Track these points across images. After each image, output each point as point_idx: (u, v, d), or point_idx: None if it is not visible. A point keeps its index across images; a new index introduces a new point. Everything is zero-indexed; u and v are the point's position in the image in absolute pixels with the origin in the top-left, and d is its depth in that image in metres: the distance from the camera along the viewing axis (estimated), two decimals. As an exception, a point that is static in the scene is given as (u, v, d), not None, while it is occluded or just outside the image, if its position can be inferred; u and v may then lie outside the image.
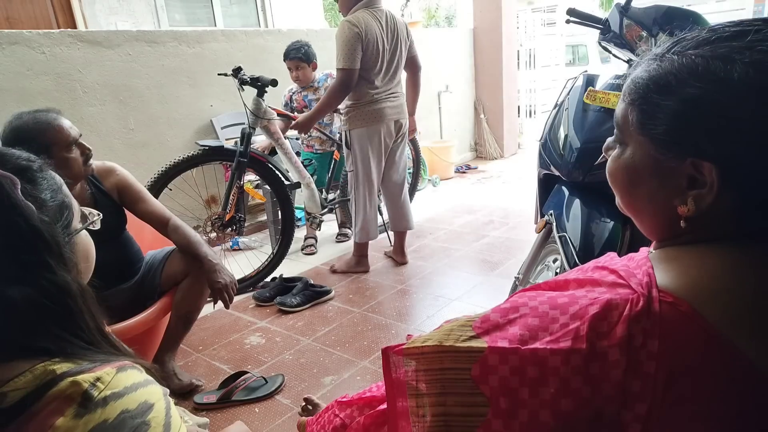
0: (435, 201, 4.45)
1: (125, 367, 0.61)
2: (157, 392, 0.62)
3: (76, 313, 0.61)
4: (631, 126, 0.55)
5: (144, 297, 1.87)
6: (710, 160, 0.49)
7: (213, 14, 5.81)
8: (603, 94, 1.53)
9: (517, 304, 0.54)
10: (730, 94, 0.47)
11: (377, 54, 2.64)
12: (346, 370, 2.02)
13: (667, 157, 0.52)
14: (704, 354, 0.46)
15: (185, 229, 1.84)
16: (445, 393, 0.53)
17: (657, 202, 0.55)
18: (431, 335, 0.57)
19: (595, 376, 0.47)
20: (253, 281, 2.85)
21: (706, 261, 0.52)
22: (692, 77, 0.49)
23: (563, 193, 1.59)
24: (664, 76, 0.52)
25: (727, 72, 0.47)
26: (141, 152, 3.23)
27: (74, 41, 2.90)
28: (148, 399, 0.60)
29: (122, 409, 0.56)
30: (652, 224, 0.59)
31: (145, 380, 0.62)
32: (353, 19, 2.57)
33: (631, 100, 0.55)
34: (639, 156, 0.55)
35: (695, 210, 0.51)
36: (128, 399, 0.57)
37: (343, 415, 0.91)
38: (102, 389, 0.56)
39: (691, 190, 0.51)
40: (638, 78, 0.55)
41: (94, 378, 0.56)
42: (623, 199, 0.61)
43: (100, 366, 0.59)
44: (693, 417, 0.46)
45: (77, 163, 1.62)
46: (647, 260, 0.54)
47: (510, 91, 5.97)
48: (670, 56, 0.52)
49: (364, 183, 2.86)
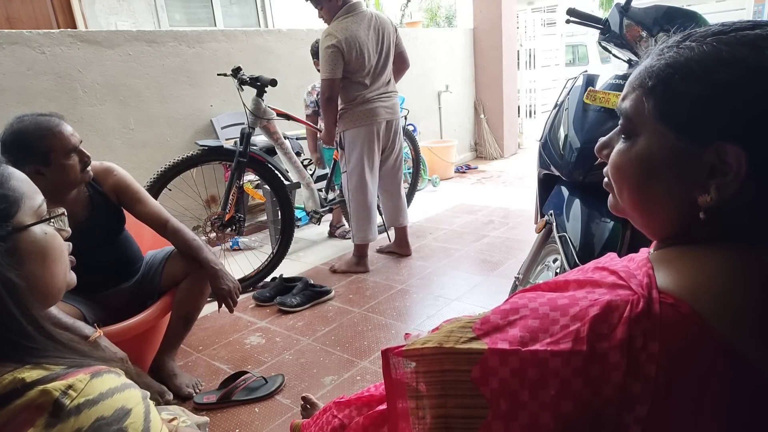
0: (435, 201, 4.45)
1: (100, 372, 0.59)
2: (135, 396, 0.60)
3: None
4: (647, 115, 0.54)
5: (144, 297, 1.87)
6: (739, 144, 0.48)
7: (213, 14, 5.81)
8: (603, 94, 1.53)
9: (517, 305, 0.54)
10: (762, 79, 0.47)
11: (363, 57, 2.68)
12: (346, 370, 2.02)
13: (688, 145, 0.51)
14: (705, 356, 0.46)
15: (185, 233, 1.84)
16: (445, 395, 0.53)
17: (674, 195, 0.53)
18: (431, 337, 0.56)
19: (596, 378, 0.47)
20: (253, 281, 2.85)
21: (707, 262, 0.51)
22: (719, 63, 0.49)
23: (563, 193, 1.59)
24: (686, 62, 0.51)
25: (756, 58, 0.48)
26: (141, 152, 3.23)
27: (74, 41, 2.89)
28: (126, 404, 0.58)
29: (97, 416, 0.54)
30: (663, 220, 0.56)
31: (122, 384, 0.60)
32: (332, 30, 2.64)
33: (649, 88, 0.53)
34: (656, 146, 0.53)
35: (719, 199, 0.50)
36: (103, 405, 0.56)
37: (342, 416, 0.90)
38: (74, 397, 0.54)
39: (712, 179, 0.50)
40: (653, 66, 0.54)
41: (65, 386, 0.54)
42: (633, 196, 0.58)
43: (72, 372, 0.57)
44: (693, 419, 0.46)
45: (75, 170, 1.62)
46: (647, 261, 0.54)
47: (510, 91, 5.97)
48: (688, 44, 0.52)
49: (359, 184, 2.87)
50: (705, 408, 0.45)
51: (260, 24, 6.26)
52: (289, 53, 3.93)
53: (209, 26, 5.65)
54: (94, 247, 1.75)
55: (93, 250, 1.74)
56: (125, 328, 1.69)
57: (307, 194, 3.10)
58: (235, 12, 6.09)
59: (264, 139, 3.00)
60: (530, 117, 7.02)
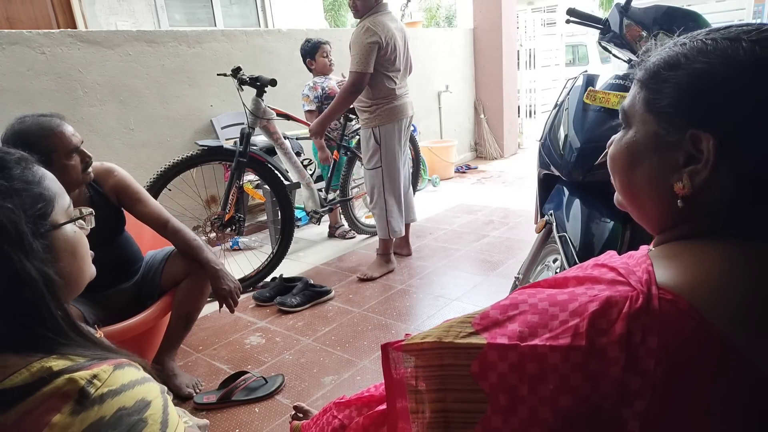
0: (435, 201, 4.45)
1: (122, 365, 0.61)
2: (155, 389, 0.62)
3: (38, 302, 0.60)
4: (638, 106, 0.57)
5: (144, 297, 1.87)
6: (709, 131, 0.50)
7: (213, 14, 5.81)
8: (603, 94, 1.53)
9: (517, 301, 0.54)
10: (735, 68, 0.49)
11: (398, 54, 2.73)
12: (346, 370, 2.02)
13: (668, 132, 0.53)
14: (703, 351, 0.46)
15: (185, 233, 1.84)
16: (445, 389, 0.53)
17: (655, 182, 0.56)
18: (431, 332, 0.57)
19: (594, 373, 0.47)
20: (253, 281, 2.85)
21: (706, 258, 0.52)
22: (701, 54, 0.52)
23: (563, 193, 1.59)
24: (675, 56, 0.54)
25: (734, 49, 0.50)
26: (141, 152, 3.23)
27: (74, 41, 2.90)
28: (146, 396, 0.60)
29: (119, 406, 0.56)
30: (650, 209, 0.59)
31: (142, 378, 0.62)
32: (373, 25, 2.62)
33: (642, 81, 0.57)
34: (641, 134, 0.56)
35: (690, 187, 0.52)
36: (125, 396, 0.57)
37: (342, 416, 0.91)
38: (99, 386, 0.56)
39: (688, 167, 0.52)
40: (650, 63, 0.57)
41: (90, 375, 0.56)
42: (622, 183, 0.61)
43: (97, 363, 0.59)
44: (692, 413, 0.46)
45: (76, 170, 1.62)
46: (647, 258, 0.54)
47: (510, 91, 5.97)
48: (683, 41, 0.55)
49: (392, 178, 2.87)
50: (703, 402, 0.45)
51: (260, 24, 6.26)
52: (289, 53, 3.93)
53: (209, 26, 5.65)
54: (94, 247, 1.75)
55: (93, 250, 1.74)
56: (125, 328, 1.69)
57: (307, 194, 3.10)
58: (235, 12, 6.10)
59: (264, 139, 3.00)
60: (530, 117, 7.03)
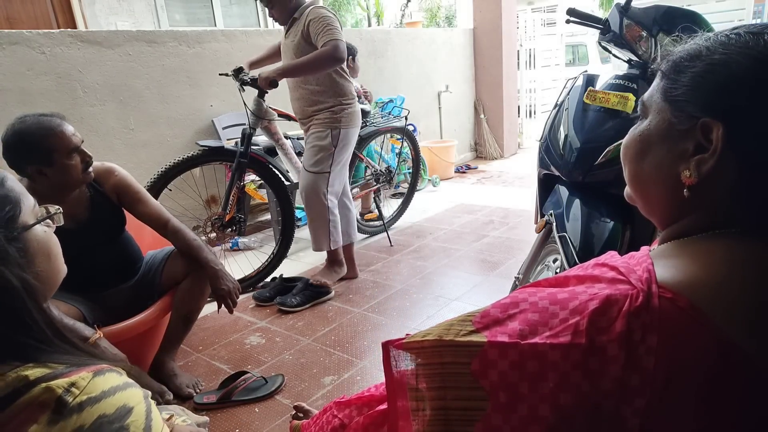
0: (435, 201, 4.45)
1: (103, 371, 0.59)
2: (137, 395, 0.61)
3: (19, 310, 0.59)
4: (656, 96, 0.58)
5: (144, 297, 1.87)
6: (720, 119, 0.51)
7: (213, 14, 5.82)
8: (603, 94, 1.53)
9: (517, 299, 0.55)
10: (752, 59, 0.50)
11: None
12: (346, 370, 2.02)
13: (680, 120, 0.54)
14: (703, 349, 0.46)
15: (185, 233, 1.84)
16: (445, 387, 0.54)
17: (663, 170, 0.56)
18: (431, 330, 0.57)
19: (594, 371, 0.47)
20: (253, 281, 2.85)
21: (706, 256, 0.52)
22: (722, 47, 0.52)
23: (563, 193, 1.59)
24: (697, 48, 0.55)
25: (755, 41, 0.51)
26: (141, 152, 3.23)
27: (74, 41, 2.90)
28: (127, 402, 0.58)
29: (99, 414, 0.55)
30: (657, 199, 0.59)
31: (124, 383, 0.60)
32: (323, 8, 2.46)
33: (663, 74, 0.58)
34: (656, 122, 0.57)
35: (697, 175, 0.52)
36: (105, 403, 0.56)
37: (342, 416, 0.90)
38: (77, 394, 0.55)
39: (696, 156, 0.53)
40: (674, 55, 0.57)
41: (68, 383, 0.55)
42: (631, 172, 0.61)
43: (75, 371, 0.57)
44: (691, 411, 0.46)
45: (77, 170, 1.62)
46: (648, 257, 0.54)
47: (510, 91, 5.97)
48: (709, 35, 0.55)
49: (340, 184, 2.76)
50: (703, 400, 0.46)
51: (260, 24, 6.26)
52: (289, 54, 3.93)
53: (209, 26, 5.65)
54: (95, 247, 1.76)
55: (93, 250, 1.75)
56: (125, 328, 1.70)
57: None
58: (235, 12, 6.10)
59: (265, 140, 3.00)
60: (530, 117, 7.03)
